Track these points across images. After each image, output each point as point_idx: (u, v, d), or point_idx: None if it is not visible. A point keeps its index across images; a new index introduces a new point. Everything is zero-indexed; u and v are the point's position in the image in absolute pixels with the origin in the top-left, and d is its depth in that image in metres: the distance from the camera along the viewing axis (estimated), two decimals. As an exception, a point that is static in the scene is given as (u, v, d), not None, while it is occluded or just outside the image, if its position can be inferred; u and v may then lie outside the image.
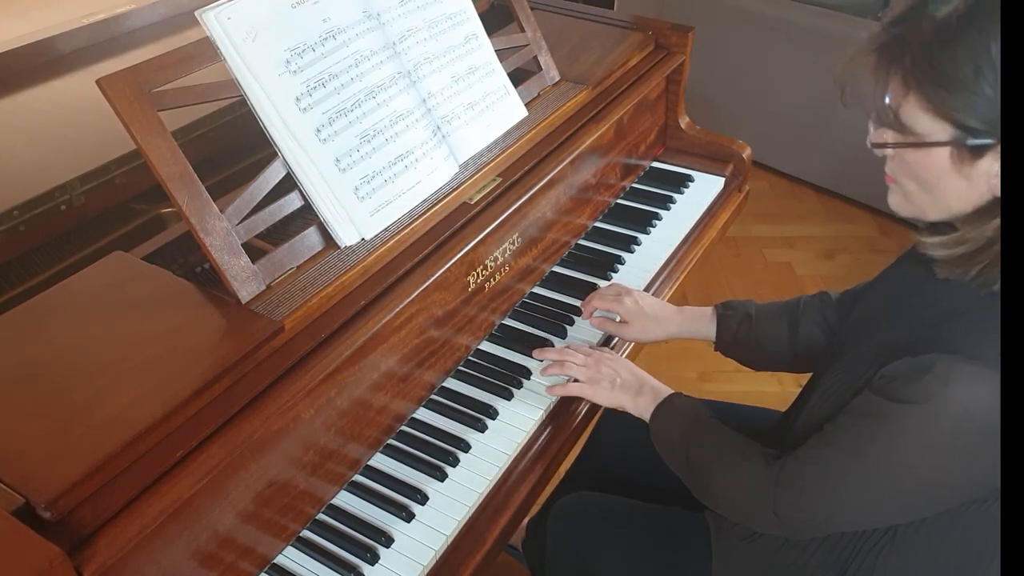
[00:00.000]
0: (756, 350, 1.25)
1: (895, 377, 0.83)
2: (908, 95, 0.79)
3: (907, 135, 0.82)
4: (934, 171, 0.81)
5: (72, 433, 0.80)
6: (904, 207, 0.88)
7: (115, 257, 1.05)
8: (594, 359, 1.19)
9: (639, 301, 1.29)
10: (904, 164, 0.84)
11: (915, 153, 0.82)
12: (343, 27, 1.09)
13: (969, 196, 0.81)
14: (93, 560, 0.74)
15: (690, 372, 2.30)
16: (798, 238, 2.89)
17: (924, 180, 0.83)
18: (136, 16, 1.62)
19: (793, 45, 2.93)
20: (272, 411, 0.91)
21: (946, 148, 0.79)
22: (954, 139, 0.78)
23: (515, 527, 1.11)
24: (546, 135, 1.39)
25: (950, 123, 0.78)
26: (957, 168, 0.80)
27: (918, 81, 0.78)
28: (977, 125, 0.76)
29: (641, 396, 1.14)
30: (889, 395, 0.83)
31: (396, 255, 1.12)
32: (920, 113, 0.79)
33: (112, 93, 0.91)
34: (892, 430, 0.82)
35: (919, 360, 0.81)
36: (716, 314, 1.27)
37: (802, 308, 1.22)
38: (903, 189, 0.87)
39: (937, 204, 0.84)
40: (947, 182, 0.81)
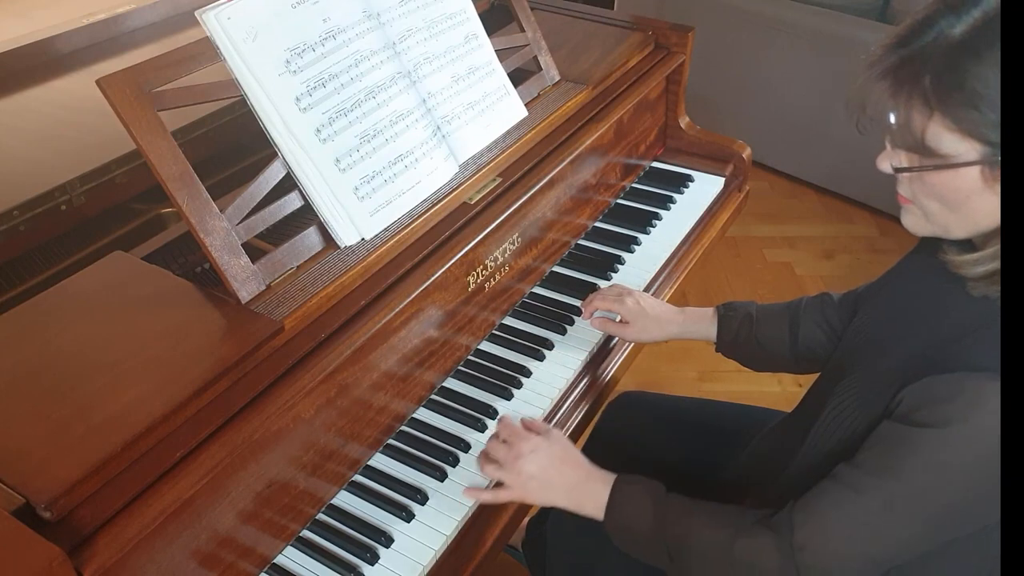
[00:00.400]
0: (757, 351, 1.24)
1: (921, 403, 0.79)
2: (932, 116, 0.76)
3: (931, 157, 0.78)
4: (963, 191, 0.78)
5: (72, 433, 0.80)
6: (923, 227, 0.85)
7: (115, 257, 1.05)
8: (513, 455, 1.01)
9: (640, 301, 1.28)
10: (927, 186, 0.81)
11: (940, 174, 0.79)
12: (343, 27, 1.09)
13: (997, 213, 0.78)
14: (93, 560, 0.74)
15: (690, 372, 2.30)
16: (798, 238, 2.89)
17: (950, 200, 0.80)
18: (136, 16, 1.62)
19: (793, 45, 2.93)
20: (272, 411, 0.91)
21: (976, 167, 0.76)
22: (984, 157, 0.75)
23: (515, 527, 1.11)
24: (546, 135, 1.39)
25: (979, 141, 0.75)
26: (989, 185, 0.77)
27: (941, 102, 0.75)
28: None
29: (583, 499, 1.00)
30: (913, 421, 0.79)
31: (396, 255, 1.12)
32: (945, 133, 0.76)
33: (112, 93, 0.91)
34: (924, 457, 0.78)
35: (945, 380, 0.78)
36: (717, 315, 1.26)
37: (803, 309, 1.20)
38: (923, 210, 0.84)
39: (963, 222, 0.81)
40: (977, 200, 0.78)
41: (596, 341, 1.32)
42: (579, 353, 1.30)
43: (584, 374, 1.30)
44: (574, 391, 1.27)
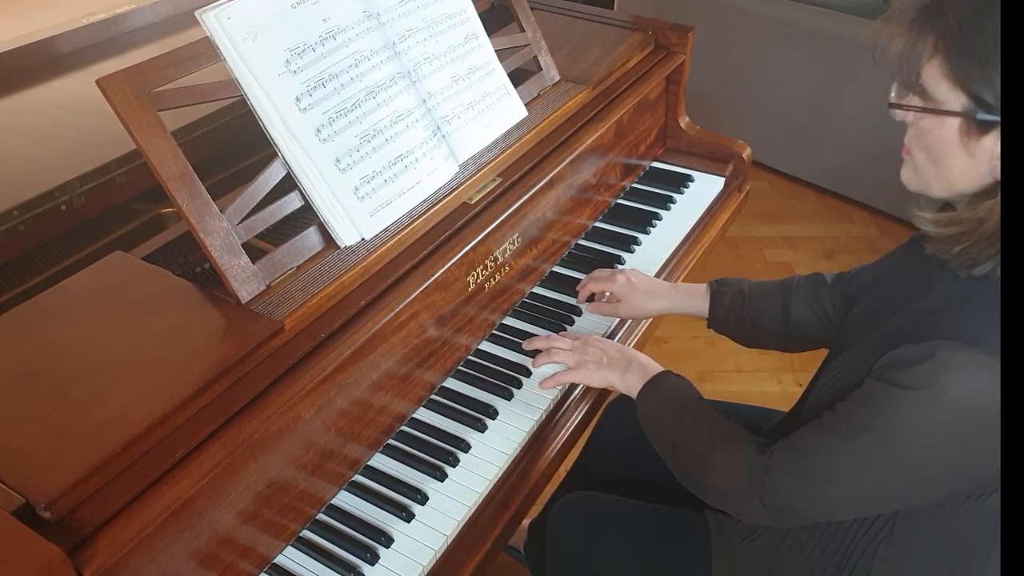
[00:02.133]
0: (749, 327, 1.26)
1: (895, 363, 0.83)
2: (934, 59, 0.80)
3: (926, 100, 0.82)
4: (944, 142, 0.82)
5: (72, 433, 0.80)
6: (912, 180, 0.89)
7: (115, 257, 1.05)
8: (581, 342, 1.20)
9: (631, 278, 1.31)
10: (919, 132, 0.85)
11: (929, 120, 0.83)
12: (343, 27, 1.09)
13: (971, 174, 0.82)
14: (93, 560, 0.74)
15: (690, 372, 2.27)
16: (798, 238, 2.89)
17: (933, 151, 0.84)
18: (136, 16, 1.62)
19: (793, 45, 2.93)
20: (272, 411, 0.91)
21: (957, 119, 0.80)
22: (966, 110, 0.79)
23: (515, 527, 1.11)
24: (546, 135, 1.39)
25: (966, 93, 0.79)
26: (963, 142, 0.81)
27: (946, 47, 0.79)
28: (991, 100, 0.77)
29: (629, 372, 1.13)
30: (888, 380, 0.83)
31: (396, 255, 1.12)
32: (941, 79, 0.80)
33: (112, 93, 0.91)
34: (889, 415, 0.83)
35: (920, 347, 0.81)
36: (710, 291, 1.28)
37: (796, 287, 1.23)
38: (914, 160, 0.88)
39: (941, 178, 0.85)
40: (952, 156, 0.82)
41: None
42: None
43: (584, 374, 1.29)
44: (574, 391, 1.27)
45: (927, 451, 0.82)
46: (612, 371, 1.15)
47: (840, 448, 0.87)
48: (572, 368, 1.18)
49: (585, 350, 1.18)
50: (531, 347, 1.25)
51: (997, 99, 0.77)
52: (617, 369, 1.15)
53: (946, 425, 0.80)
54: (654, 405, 1.09)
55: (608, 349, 1.18)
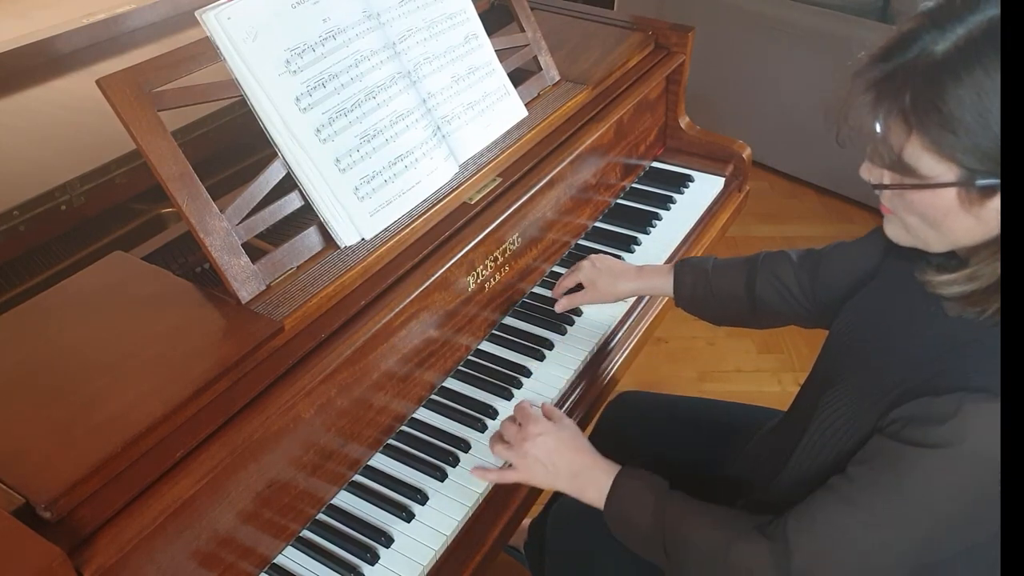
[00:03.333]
0: (715, 305, 1.25)
1: (914, 419, 0.78)
2: (911, 136, 0.74)
3: (910, 176, 0.77)
4: (941, 210, 0.77)
5: (72, 433, 0.80)
6: (905, 238, 0.84)
7: (115, 257, 1.05)
8: (521, 437, 1.03)
9: (596, 264, 1.32)
10: (907, 203, 0.80)
11: (919, 193, 0.77)
12: (343, 27, 1.09)
13: (975, 233, 0.77)
14: (93, 560, 0.74)
15: (690, 372, 2.30)
16: (798, 238, 2.89)
17: (929, 218, 0.79)
18: (136, 16, 1.62)
19: (793, 45, 2.93)
20: (272, 411, 0.91)
21: (953, 188, 0.75)
22: (961, 179, 0.74)
23: (515, 527, 1.11)
24: (546, 135, 1.39)
25: (956, 164, 0.73)
26: (966, 208, 0.75)
27: (920, 121, 0.73)
28: (984, 166, 0.72)
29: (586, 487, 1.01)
30: (907, 440, 0.78)
31: (396, 255, 1.12)
32: (924, 153, 0.75)
33: (112, 93, 0.91)
34: (919, 477, 0.77)
35: (943, 401, 0.76)
36: (673, 270, 1.28)
37: (759, 264, 1.22)
38: (903, 222, 0.83)
39: (943, 238, 0.80)
40: (955, 220, 0.77)
41: (596, 341, 1.32)
42: (579, 353, 1.30)
43: (584, 374, 1.30)
44: (574, 391, 1.27)
45: (955, 508, 0.78)
46: (560, 480, 1.02)
47: (866, 521, 0.81)
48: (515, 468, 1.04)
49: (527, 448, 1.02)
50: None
51: (991, 162, 0.71)
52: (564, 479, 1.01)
53: (973, 480, 0.76)
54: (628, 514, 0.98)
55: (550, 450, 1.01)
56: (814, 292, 1.16)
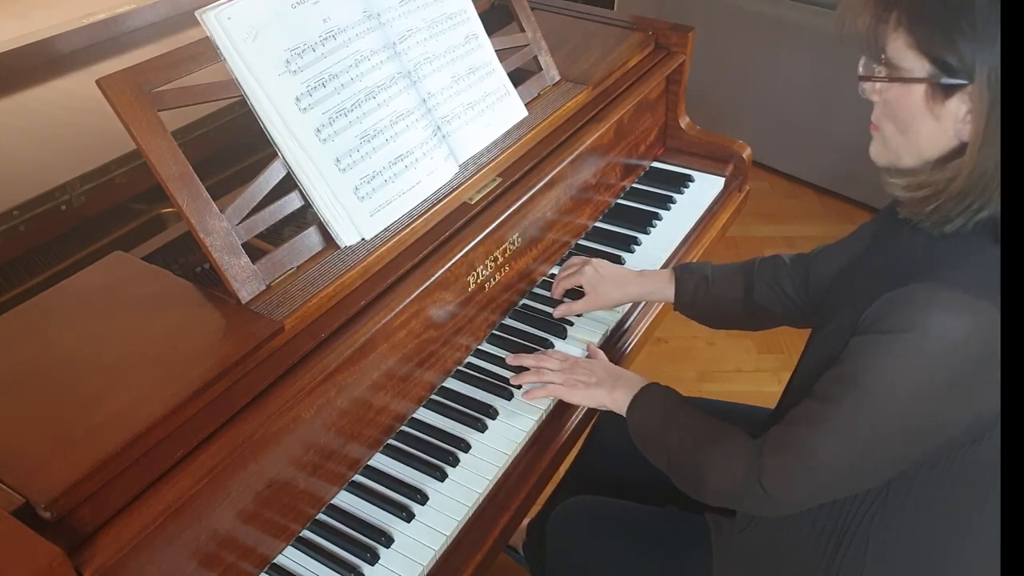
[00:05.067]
0: (713, 310, 1.30)
1: (876, 314, 0.85)
2: (898, 30, 0.84)
3: (893, 71, 0.86)
4: (911, 109, 0.86)
5: (72, 433, 0.80)
6: (882, 154, 0.92)
7: (115, 257, 1.05)
8: (569, 363, 1.20)
9: (598, 269, 1.34)
10: (886, 105, 0.89)
11: (896, 90, 0.86)
12: (343, 27, 1.09)
13: (938, 139, 0.86)
14: (93, 560, 0.74)
15: (690, 372, 2.30)
16: (798, 238, 2.89)
17: (901, 120, 0.88)
18: (136, 16, 1.62)
19: (793, 45, 2.92)
20: (272, 411, 0.91)
21: (922, 86, 0.84)
22: (930, 75, 0.83)
23: (515, 527, 1.11)
24: (546, 135, 1.39)
25: (929, 60, 0.83)
26: (929, 107, 0.84)
27: (908, 17, 0.83)
28: (954, 63, 0.81)
29: (616, 390, 1.14)
30: (871, 330, 0.85)
31: (396, 255, 1.12)
32: (906, 50, 0.84)
33: (112, 93, 0.91)
34: (874, 364, 0.84)
35: (898, 292, 0.83)
36: (674, 276, 1.31)
37: (757, 269, 1.26)
38: (883, 135, 0.91)
39: (909, 146, 0.89)
40: (920, 122, 0.86)
41: (596, 341, 1.32)
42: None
43: (584, 374, 1.29)
44: (574, 391, 1.27)
45: (915, 396, 0.83)
46: (600, 389, 1.16)
47: (829, 412, 0.87)
48: (561, 385, 1.18)
49: (573, 370, 1.19)
50: (518, 363, 1.25)
51: (960, 62, 0.80)
52: (605, 387, 1.15)
53: (932, 367, 0.81)
54: (643, 418, 1.10)
55: (596, 368, 1.19)
56: (806, 293, 1.21)
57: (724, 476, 0.98)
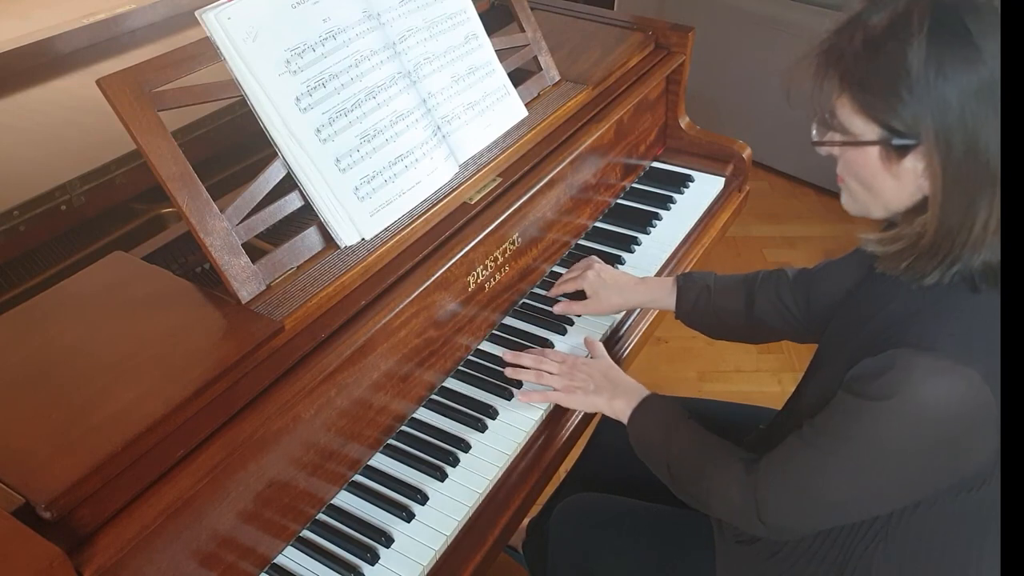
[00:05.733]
0: (714, 320, 1.30)
1: (860, 377, 0.86)
2: (842, 97, 0.86)
3: (845, 134, 0.87)
4: (870, 169, 0.87)
5: (72, 433, 0.80)
6: (852, 206, 0.94)
7: (115, 257, 1.05)
8: (568, 365, 1.19)
9: (600, 274, 1.34)
10: (846, 163, 0.90)
11: (852, 152, 0.88)
12: (343, 27, 1.09)
13: (901, 194, 0.87)
14: (93, 560, 0.74)
15: (690, 372, 2.30)
16: (798, 238, 2.89)
17: (863, 178, 0.89)
18: (136, 16, 1.62)
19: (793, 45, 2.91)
20: (272, 411, 0.91)
21: (876, 148, 0.85)
22: (881, 139, 0.84)
23: (515, 527, 1.11)
24: (546, 135, 1.39)
25: (877, 124, 0.84)
26: (886, 166, 0.85)
27: (850, 85, 0.84)
28: (899, 127, 0.82)
29: (616, 399, 1.14)
30: (857, 393, 0.86)
31: (396, 255, 1.12)
32: (853, 115, 0.85)
33: (112, 93, 0.91)
34: (863, 426, 0.85)
35: (878, 358, 0.84)
36: (676, 285, 1.31)
37: (759, 283, 1.27)
38: (849, 188, 0.92)
39: (876, 201, 0.90)
40: (881, 181, 0.87)
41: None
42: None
43: (584, 374, 1.29)
44: (574, 391, 1.27)
45: (903, 457, 0.85)
46: (599, 397, 1.15)
47: (822, 461, 0.89)
48: (559, 391, 1.18)
49: (573, 375, 1.18)
50: (516, 362, 1.24)
51: (903, 124, 0.81)
52: (604, 395, 1.15)
53: (917, 431, 0.82)
54: (644, 430, 1.10)
55: (595, 374, 1.18)
56: (808, 309, 1.22)
57: (723, 504, 1.00)
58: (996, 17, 0.78)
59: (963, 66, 0.77)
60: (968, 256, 0.82)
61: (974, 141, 0.78)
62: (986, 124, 0.78)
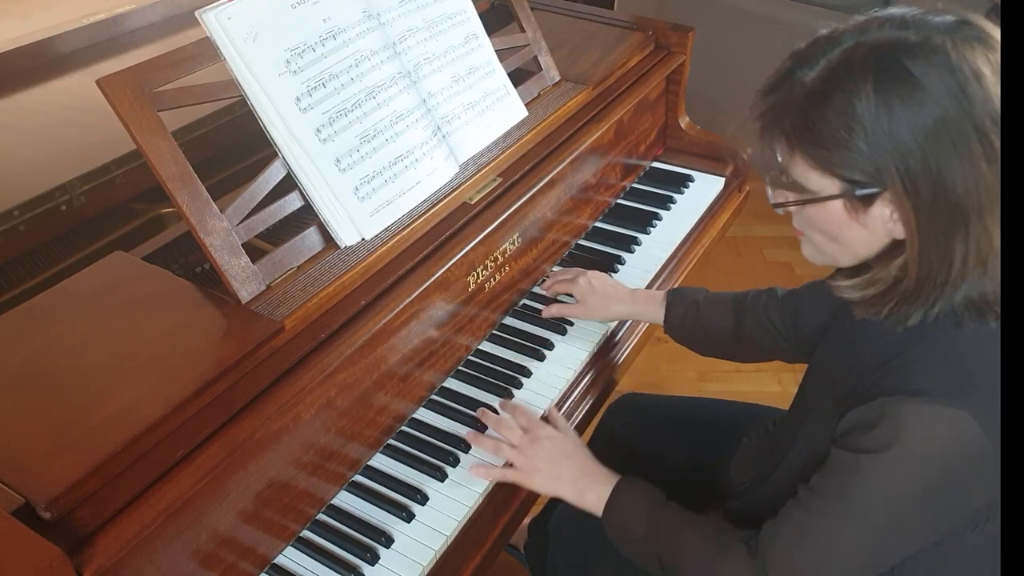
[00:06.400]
0: (701, 337, 1.28)
1: (851, 430, 0.84)
2: (794, 156, 0.82)
3: (802, 192, 0.84)
4: (835, 222, 0.84)
5: (72, 433, 0.80)
6: (817, 257, 0.91)
7: (115, 257, 1.05)
8: (530, 439, 1.08)
9: (591, 281, 1.33)
10: (807, 219, 0.87)
11: (813, 208, 0.84)
12: (343, 27, 1.09)
13: (871, 241, 0.84)
14: (93, 560, 0.74)
15: (690, 372, 2.30)
16: (798, 238, 2.88)
17: (828, 231, 0.86)
18: (136, 16, 1.62)
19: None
20: (272, 411, 0.91)
21: (838, 201, 0.82)
22: (843, 191, 0.81)
23: (515, 527, 1.11)
24: (546, 135, 1.39)
25: (836, 178, 0.81)
26: (853, 217, 0.82)
27: (800, 143, 0.81)
28: (860, 177, 0.79)
29: (586, 492, 1.05)
30: (850, 448, 0.84)
31: (396, 255, 1.12)
32: (809, 171, 0.82)
33: (112, 93, 0.91)
34: (861, 482, 0.83)
35: (867, 408, 0.82)
36: (666, 300, 1.30)
37: (749, 303, 1.24)
38: (812, 241, 0.90)
39: (844, 251, 0.87)
40: (848, 232, 0.84)
41: (597, 341, 1.32)
42: (580, 353, 1.30)
43: (584, 374, 1.30)
44: (574, 391, 1.27)
45: (906, 506, 0.83)
46: (562, 485, 1.06)
47: (830, 526, 0.86)
48: (518, 470, 1.08)
49: (534, 451, 1.07)
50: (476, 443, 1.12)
51: (863, 174, 0.78)
52: (567, 485, 1.06)
53: (916, 478, 0.81)
54: (623, 524, 1.02)
55: (557, 457, 1.07)
56: (795, 329, 1.19)
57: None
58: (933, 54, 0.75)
59: (914, 107, 0.75)
60: (950, 293, 0.80)
61: (940, 181, 0.76)
62: (948, 163, 0.75)
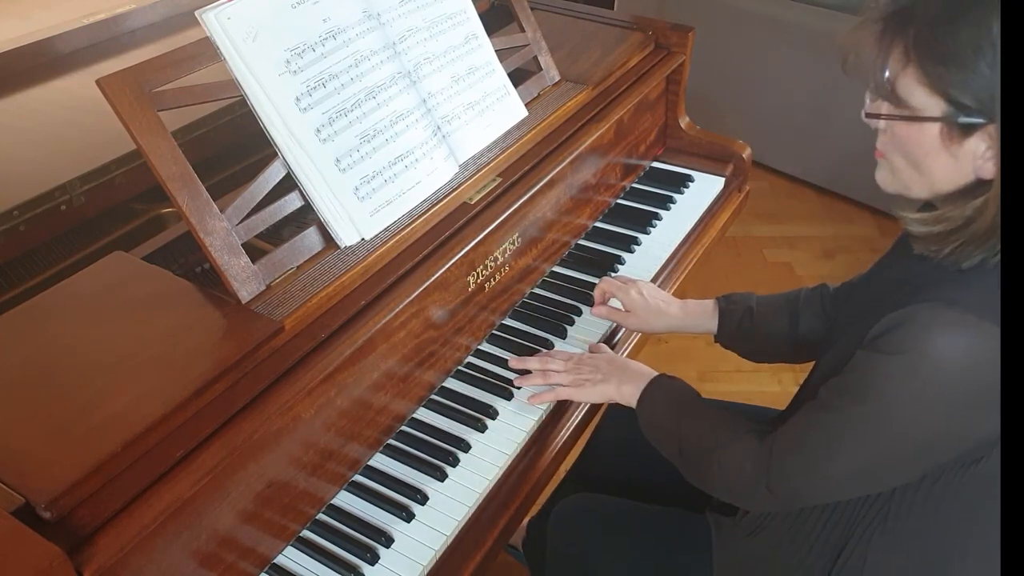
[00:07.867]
0: (758, 343, 1.27)
1: (879, 333, 0.83)
2: (907, 67, 0.79)
3: (901, 108, 0.81)
4: (924, 147, 0.81)
5: (72, 433, 0.80)
6: (890, 182, 0.89)
7: (115, 257, 1.05)
8: (574, 362, 1.19)
9: (643, 291, 1.31)
10: (895, 138, 0.84)
11: (907, 127, 0.82)
12: (343, 27, 1.09)
13: (954, 176, 0.82)
14: (93, 560, 0.74)
15: (690, 372, 2.30)
16: (798, 238, 2.89)
17: (912, 156, 0.83)
18: (136, 16, 1.62)
19: (793, 45, 2.92)
20: (272, 411, 0.91)
21: (936, 124, 0.79)
22: (946, 115, 0.78)
23: (515, 527, 1.11)
24: (546, 135, 1.39)
25: (944, 99, 0.78)
26: (945, 145, 0.80)
27: (919, 54, 0.78)
28: (970, 103, 0.76)
29: (625, 383, 1.13)
30: (874, 348, 0.83)
31: (396, 255, 1.12)
32: (916, 87, 0.79)
33: (112, 93, 0.91)
34: (877, 382, 0.83)
35: (899, 312, 0.81)
36: (718, 308, 1.28)
37: (803, 301, 1.23)
38: (891, 164, 0.87)
39: (922, 181, 0.85)
40: (934, 159, 0.81)
41: (597, 342, 1.32)
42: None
43: (584, 374, 1.29)
44: (574, 391, 1.27)
45: (918, 415, 0.82)
46: (608, 385, 1.14)
47: (835, 421, 0.87)
48: (568, 386, 1.17)
49: (579, 369, 1.18)
50: (522, 366, 1.23)
51: (976, 101, 0.76)
52: (612, 382, 1.14)
53: (933, 387, 0.80)
54: (653, 411, 1.10)
55: (600, 364, 1.17)
56: None
57: (732, 473, 0.98)
58: None
59: None
60: None
61: None
62: None
